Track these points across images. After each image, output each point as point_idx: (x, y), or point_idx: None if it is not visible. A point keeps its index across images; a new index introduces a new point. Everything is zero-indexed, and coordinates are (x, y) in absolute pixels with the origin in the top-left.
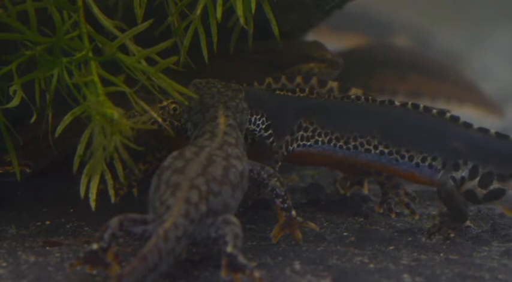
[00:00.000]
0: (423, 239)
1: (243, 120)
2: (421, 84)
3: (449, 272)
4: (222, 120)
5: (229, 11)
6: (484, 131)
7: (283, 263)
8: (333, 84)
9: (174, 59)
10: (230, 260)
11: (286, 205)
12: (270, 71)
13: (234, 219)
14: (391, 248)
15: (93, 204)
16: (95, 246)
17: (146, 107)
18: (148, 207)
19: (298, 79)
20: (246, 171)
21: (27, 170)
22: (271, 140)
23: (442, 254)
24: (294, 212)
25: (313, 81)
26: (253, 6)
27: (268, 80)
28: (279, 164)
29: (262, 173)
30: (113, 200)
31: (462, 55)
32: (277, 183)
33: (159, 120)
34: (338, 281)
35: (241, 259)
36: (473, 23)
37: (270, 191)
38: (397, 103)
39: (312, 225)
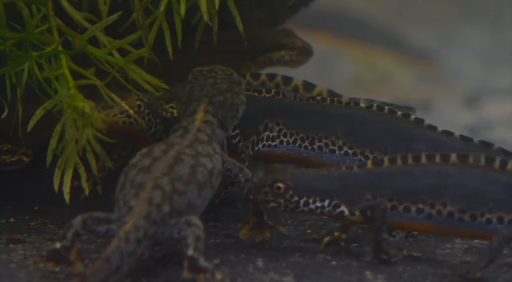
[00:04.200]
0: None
1: (227, 116)
2: None
3: (411, 269)
4: (199, 115)
5: (193, 7)
6: (448, 133)
7: (246, 260)
8: (298, 82)
9: (144, 50)
10: (191, 263)
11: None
12: (239, 60)
13: (197, 221)
14: (354, 245)
15: (67, 197)
16: (57, 245)
17: (117, 99)
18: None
19: (263, 77)
20: (216, 169)
21: (25, 159)
22: (237, 139)
23: (404, 251)
24: (265, 216)
25: (278, 79)
26: (216, 2)
27: None
28: (246, 163)
29: (240, 176)
30: (86, 192)
31: (434, 53)
32: None
33: (130, 111)
34: (300, 278)
35: (202, 262)
36: (442, 21)
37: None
38: (362, 105)
39: (282, 229)
